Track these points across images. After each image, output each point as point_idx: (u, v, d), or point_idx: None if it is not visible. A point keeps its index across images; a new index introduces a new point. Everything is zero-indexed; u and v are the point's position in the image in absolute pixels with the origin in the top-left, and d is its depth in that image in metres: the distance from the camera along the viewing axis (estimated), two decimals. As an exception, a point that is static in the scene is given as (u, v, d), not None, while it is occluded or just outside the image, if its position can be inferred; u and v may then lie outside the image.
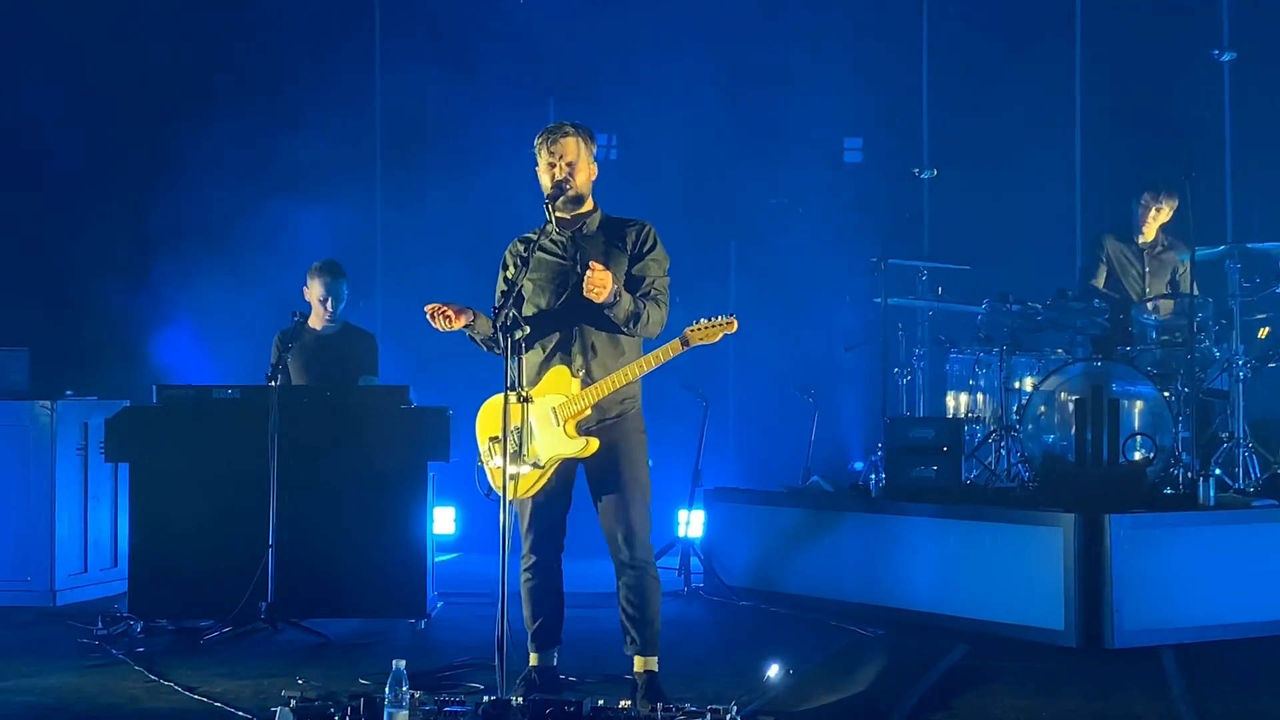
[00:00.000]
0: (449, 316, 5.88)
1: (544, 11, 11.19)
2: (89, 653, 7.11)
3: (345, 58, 11.38)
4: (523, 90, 11.15)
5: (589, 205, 6.02)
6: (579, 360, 5.85)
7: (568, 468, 5.92)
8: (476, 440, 5.98)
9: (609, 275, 5.65)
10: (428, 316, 5.92)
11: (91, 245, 10.85)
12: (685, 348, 5.76)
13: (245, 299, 10.19)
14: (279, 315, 8.38)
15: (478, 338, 6.02)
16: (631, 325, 5.81)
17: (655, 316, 5.86)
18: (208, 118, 10.64)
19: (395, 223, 11.36)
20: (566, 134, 5.95)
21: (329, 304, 8.49)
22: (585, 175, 5.97)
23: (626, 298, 5.75)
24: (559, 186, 5.90)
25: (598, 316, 5.84)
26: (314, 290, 8.51)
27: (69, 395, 8.72)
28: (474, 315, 5.95)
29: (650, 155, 10.97)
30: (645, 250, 5.98)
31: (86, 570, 8.70)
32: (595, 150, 6.04)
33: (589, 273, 5.64)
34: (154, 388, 7.88)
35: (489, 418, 5.92)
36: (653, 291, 5.91)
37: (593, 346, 5.86)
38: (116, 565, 8.79)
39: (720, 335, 5.77)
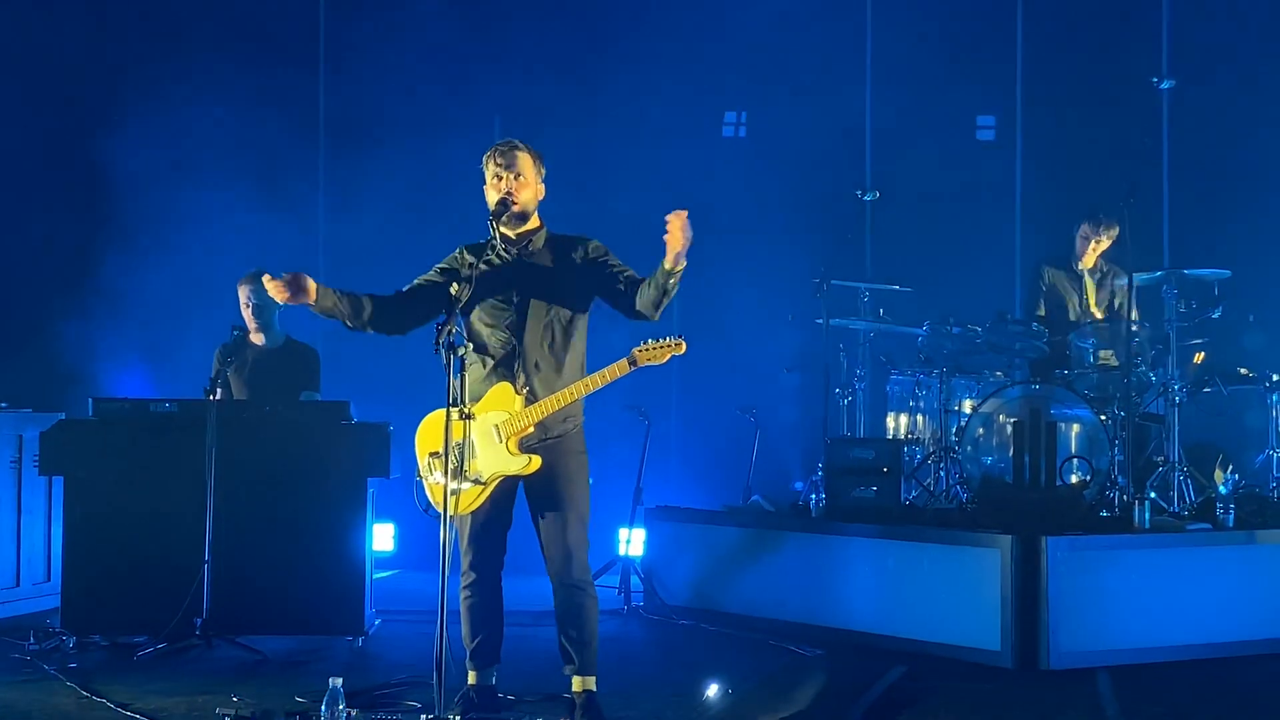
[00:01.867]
0: (280, 287, 5.82)
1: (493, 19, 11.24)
2: (21, 668, 7.02)
3: (289, 62, 11.31)
4: (469, 102, 11.13)
5: (535, 223, 6.01)
6: (522, 378, 5.84)
7: (509, 485, 5.90)
8: (416, 456, 5.95)
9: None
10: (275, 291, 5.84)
11: (26, 256, 10.73)
12: (633, 368, 5.76)
13: (184, 311, 10.09)
14: (218, 328, 8.33)
15: (337, 316, 5.99)
16: (663, 303, 5.77)
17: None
18: (143, 123, 10.55)
19: (338, 235, 11.29)
20: (516, 149, 5.95)
21: (251, 311, 8.44)
22: (532, 192, 5.96)
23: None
24: (503, 202, 5.89)
25: (542, 334, 5.84)
26: (241, 296, 8.48)
27: (2, 407, 8.62)
28: (326, 293, 5.89)
29: (604, 171, 10.95)
30: (599, 256, 5.98)
31: (19, 584, 8.59)
32: (544, 172, 6.03)
33: (677, 219, 5.57)
34: (90, 400, 7.80)
35: (429, 433, 5.90)
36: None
37: (536, 364, 5.86)
38: (50, 580, 8.67)
39: (668, 356, 5.78)
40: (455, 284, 5.89)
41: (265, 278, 5.86)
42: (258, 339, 8.54)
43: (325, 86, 11.58)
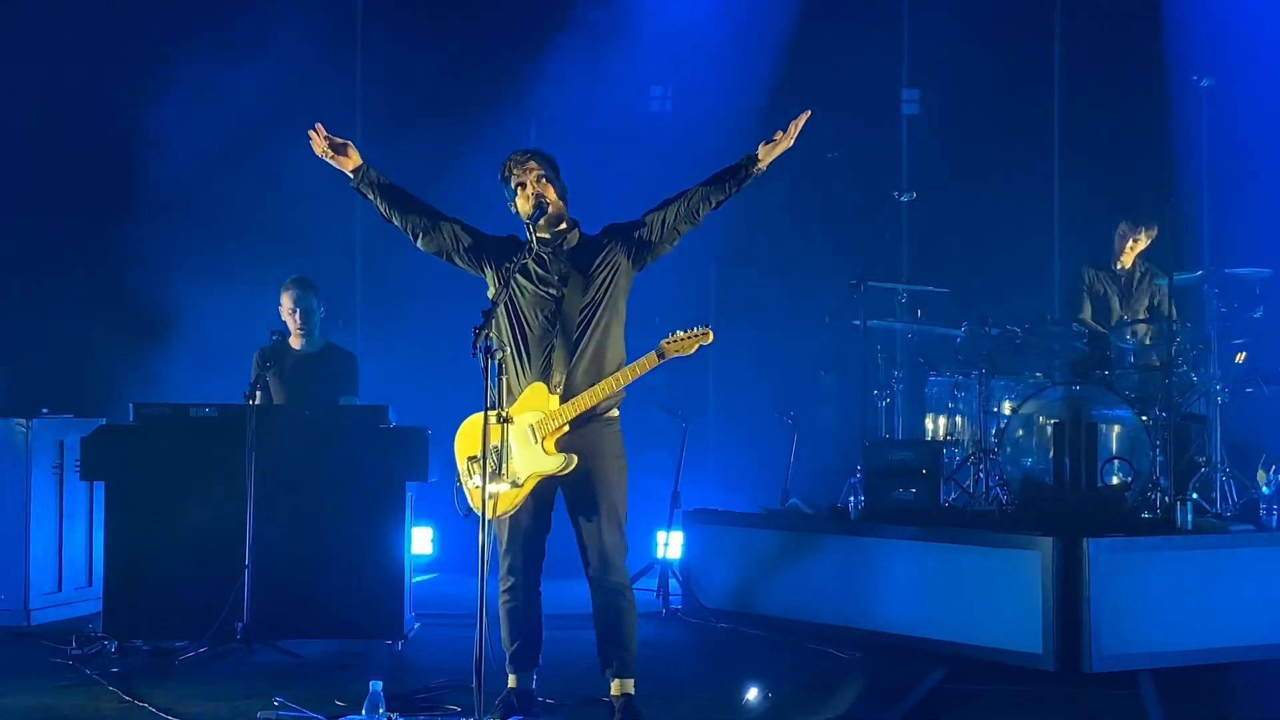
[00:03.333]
0: (327, 146, 5.98)
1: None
2: (63, 673, 7.06)
3: (324, 72, 11.36)
4: (505, 105, 11.15)
5: (567, 223, 6.03)
6: (557, 377, 5.84)
7: (547, 489, 5.91)
8: (455, 460, 5.96)
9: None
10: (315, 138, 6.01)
11: (68, 262, 10.81)
12: (661, 359, 5.80)
13: (224, 316, 10.14)
14: (258, 333, 8.36)
15: (369, 194, 6.08)
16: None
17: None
18: (182, 134, 10.62)
19: (374, 242, 11.32)
20: (533, 156, 5.98)
21: (298, 316, 8.49)
22: (558, 193, 5.98)
23: None
24: (539, 207, 5.91)
25: (578, 333, 5.85)
26: (284, 304, 8.53)
27: (44, 413, 8.66)
28: (365, 167, 6.06)
29: (640, 168, 10.95)
30: (622, 227, 6.03)
31: (61, 589, 8.64)
32: (560, 171, 6.07)
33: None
34: (131, 406, 7.84)
35: (467, 437, 5.91)
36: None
37: (571, 364, 5.86)
38: (91, 585, 8.72)
39: (696, 346, 5.80)
40: (490, 284, 5.93)
41: (315, 129, 5.99)
42: (297, 343, 8.58)
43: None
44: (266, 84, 10.65)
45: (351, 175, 6.09)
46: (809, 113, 5.79)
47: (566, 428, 5.80)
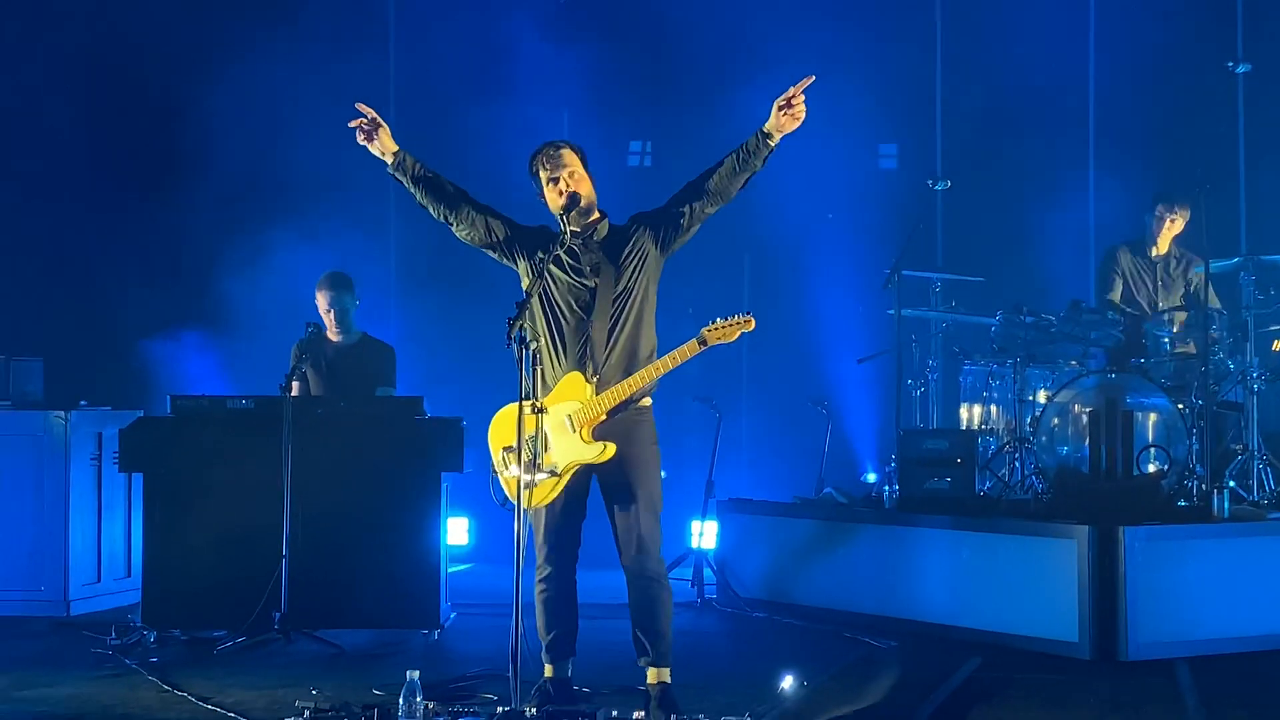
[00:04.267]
0: (370, 127, 5.98)
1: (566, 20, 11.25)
2: (103, 663, 7.12)
3: (358, 64, 11.38)
4: (540, 95, 11.14)
5: (597, 214, 6.04)
6: (593, 366, 5.86)
7: (583, 478, 5.92)
8: (489, 451, 5.98)
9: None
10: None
11: (106, 254, 10.89)
12: (703, 348, 5.80)
13: (261, 308, 10.20)
14: (294, 325, 8.40)
15: (405, 181, 6.08)
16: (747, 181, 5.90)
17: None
18: (222, 125, 10.68)
19: (409, 232, 11.36)
20: (563, 148, 5.99)
21: (333, 316, 8.54)
22: (589, 185, 5.99)
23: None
24: (571, 199, 5.92)
25: (611, 323, 5.86)
26: (319, 302, 8.59)
27: (83, 405, 8.73)
28: (402, 153, 6.05)
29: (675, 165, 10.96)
30: (649, 214, 6.03)
31: (100, 580, 8.71)
32: (588, 160, 6.07)
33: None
34: (169, 398, 7.89)
35: (501, 428, 5.93)
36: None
37: (607, 353, 5.87)
38: (130, 575, 8.79)
39: (738, 334, 5.82)
40: (523, 276, 5.95)
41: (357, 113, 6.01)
42: (334, 336, 8.62)
43: (394, 95, 11.63)
44: (301, 76, 10.71)
45: (389, 160, 6.10)
46: (812, 77, 5.76)
47: (604, 416, 5.82)
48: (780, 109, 5.75)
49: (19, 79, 10.67)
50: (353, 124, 6.03)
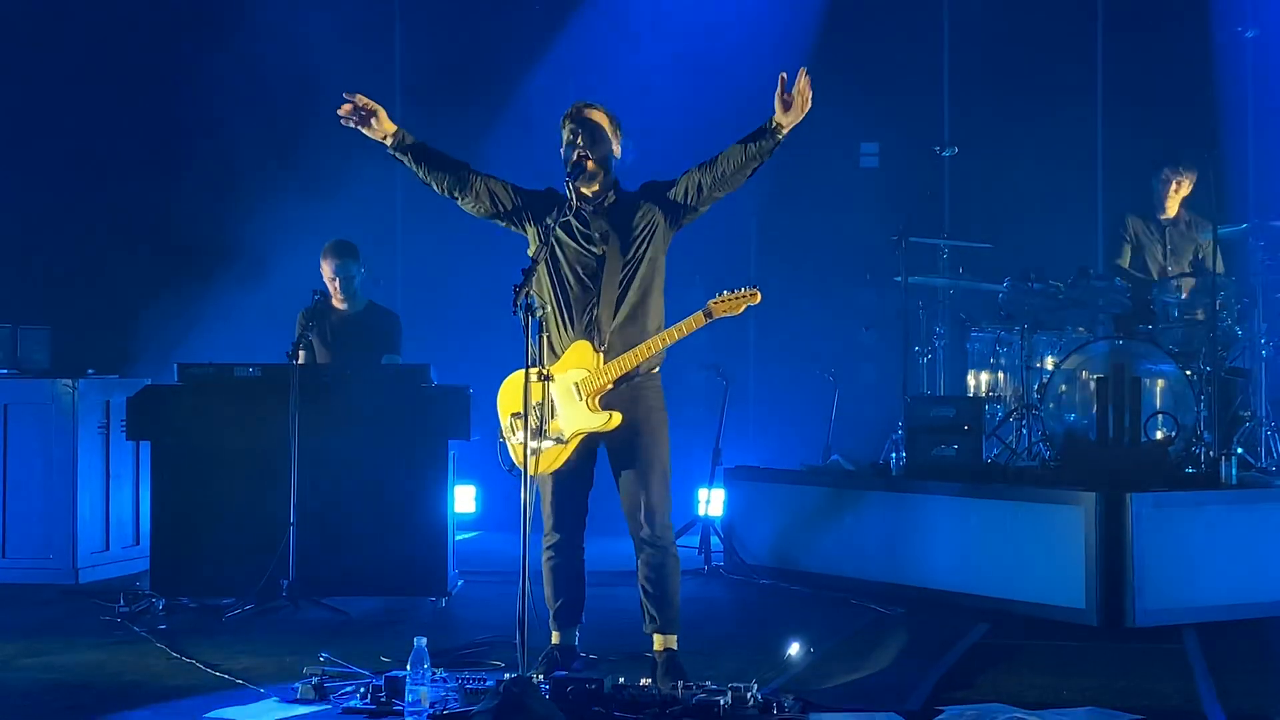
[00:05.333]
0: (359, 111, 5.92)
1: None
2: (112, 630, 7.14)
3: (364, 35, 11.35)
4: (542, 63, 11.11)
5: (611, 181, 6.01)
6: (601, 334, 5.84)
7: (589, 445, 5.92)
8: (498, 417, 5.98)
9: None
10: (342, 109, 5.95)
11: (112, 223, 10.88)
12: (709, 320, 5.78)
13: (267, 275, 10.19)
14: (300, 293, 8.40)
15: (406, 160, 6.05)
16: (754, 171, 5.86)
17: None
18: (227, 93, 10.65)
19: (415, 200, 11.34)
20: (590, 108, 5.97)
21: (338, 284, 8.54)
22: (605, 150, 5.96)
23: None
24: (577, 163, 5.90)
25: (619, 290, 5.84)
26: (324, 270, 8.58)
27: (90, 374, 8.74)
28: (400, 133, 6.01)
29: (677, 129, 10.92)
30: (659, 185, 6.00)
31: (108, 548, 8.74)
32: (621, 134, 6.04)
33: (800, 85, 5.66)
34: (175, 366, 7.89)
35: (510, 394, 5.92)
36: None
37: (615, 320, 5.86)
38: (138, 543, 8.81)
39: (744, 307, 5.80)
40: (531, 242, 5.93)
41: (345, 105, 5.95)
42: (340, 304, 8.62)
43: (400, 65, 11.60)
44: (306, 50, 10.68)
45: (389, 141, 6.06)
46: (805, 71, 5.68)
47: (611, 385, 5.81)
48: (785, 102, 5.70)
49: (21, 50, 10.65)
50: (341, 112, 5.96)
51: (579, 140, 5.91)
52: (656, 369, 5.98)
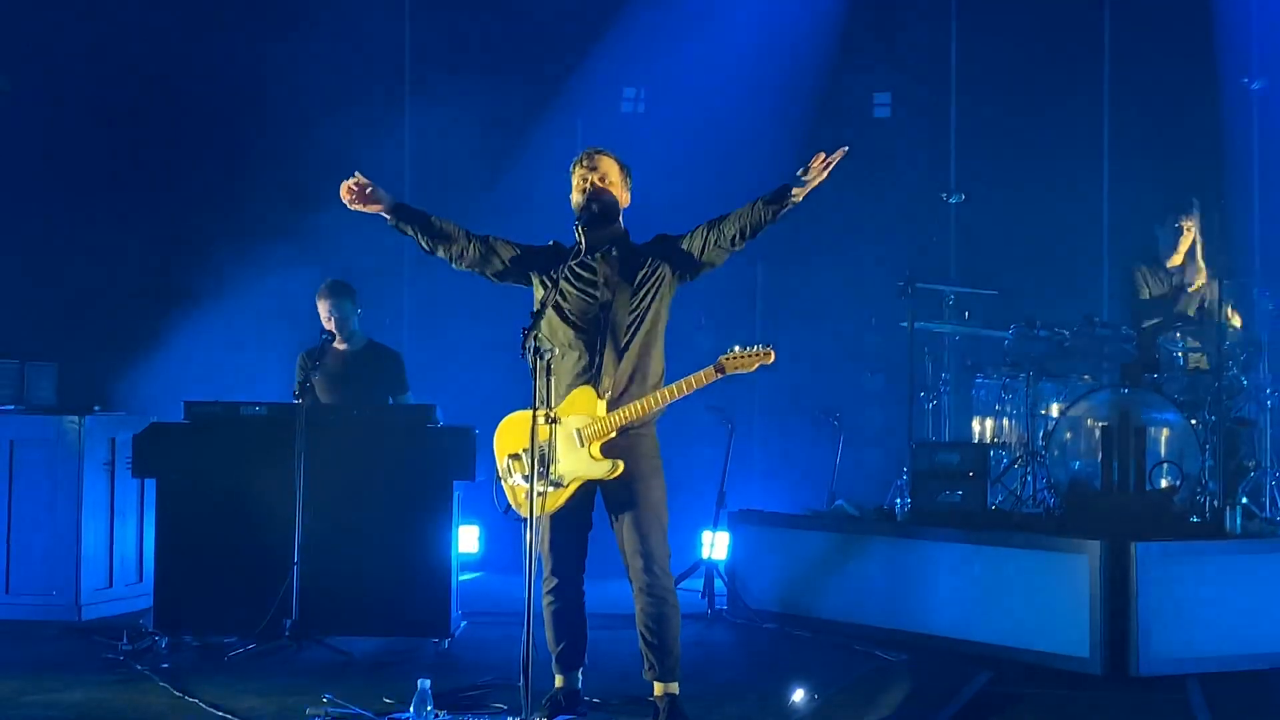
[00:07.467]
0: (361, 191, 5.99)
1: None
2: (114, 668, 7.13)
3: (376, 80, 11.41)
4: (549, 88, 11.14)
5: (619, 229, 6.04)
6: (606, 382, 5.85)
7: (588, 489, 5.92)
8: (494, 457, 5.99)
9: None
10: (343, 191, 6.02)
11: (120, 260, 10.91)
12: (719, 375, 5.78)
13: (275, 314, 10.21)
14: (308, 332, 8.42)
15: (409, 231, 6.10)
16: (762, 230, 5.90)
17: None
18: (236, 130, 10.69)
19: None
20: (601, 154, 6.02)
21: (334, 323, 8.57)
22: (616, 196, 5.99)
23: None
24: (587, 205, 5.93)
25: (623, 338, 5.85)
26: (321, 311, 8.62)
27: (96, 410, 8.75)
28: (403, 209, 6.07)
29: (685, 180, 10.95)
30: (669, 239, 6.04)
31: (112, 585, 8.72)
32: (630, 182, 6.08)
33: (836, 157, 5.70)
34: (182, 404, 7.91)
35: (508, 434, 5.93)
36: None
37: (620, 370, 5.87)
38: (142, 580, 8.80)
39: (756, 365, 5.82)
40: (537, 291, 5.95)
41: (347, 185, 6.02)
42: (340, 344, 8.64)
43: (409, 106, 11.65)
44: (318, 78, 10.74)
45: (389, 216, 6.10)
46: (845, 150, 5.75)
47: (614, 434, 5.81)
48: (808, 174, 5.73)
49: (29, 87, 10.71)
50: (343, 196, 6.04)
51: (589, 183, 5.95)
52: (652, 419, 5.97)
